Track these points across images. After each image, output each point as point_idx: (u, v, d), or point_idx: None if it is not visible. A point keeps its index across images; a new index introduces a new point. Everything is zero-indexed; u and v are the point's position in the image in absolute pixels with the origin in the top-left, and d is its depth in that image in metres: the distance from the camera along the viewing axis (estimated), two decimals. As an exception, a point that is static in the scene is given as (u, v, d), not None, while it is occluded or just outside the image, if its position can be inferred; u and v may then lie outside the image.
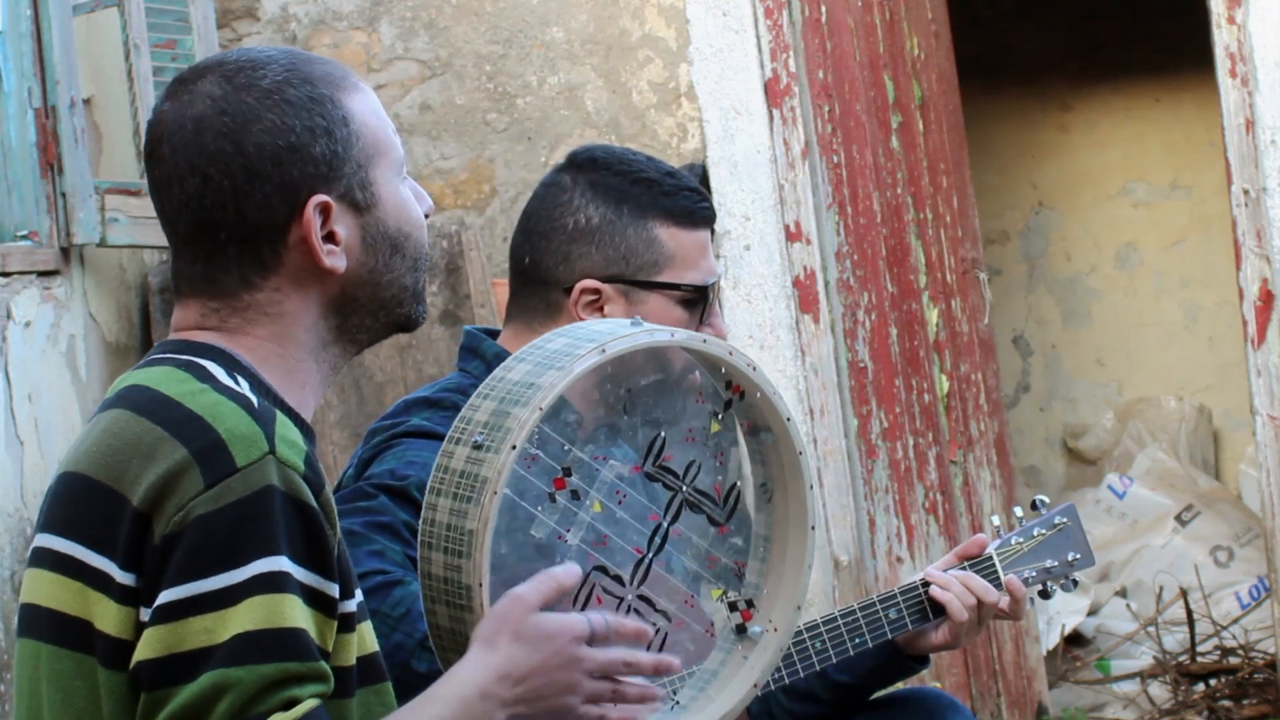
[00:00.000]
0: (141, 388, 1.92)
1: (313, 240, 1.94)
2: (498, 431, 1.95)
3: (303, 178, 1.93)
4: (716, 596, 2.16)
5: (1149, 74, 7.86)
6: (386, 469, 2.61)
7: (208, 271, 1.96)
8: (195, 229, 1.95)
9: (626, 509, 2.06)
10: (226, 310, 1.97)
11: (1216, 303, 7.68)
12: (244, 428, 1.83)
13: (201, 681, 1.77)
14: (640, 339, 2.02)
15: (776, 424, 2.13)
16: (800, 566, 2.15)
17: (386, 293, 2.01)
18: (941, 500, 5.14)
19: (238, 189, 1.92)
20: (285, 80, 1.95)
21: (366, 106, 2.00)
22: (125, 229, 4.68)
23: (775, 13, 4.94)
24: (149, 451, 1.84)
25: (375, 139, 1.99)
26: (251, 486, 1.81)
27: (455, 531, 1.95)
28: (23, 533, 4.24)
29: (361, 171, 1.97)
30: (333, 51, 5.32)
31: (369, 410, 4.95)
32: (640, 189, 2.73)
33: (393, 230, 2.00)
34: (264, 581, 1.79)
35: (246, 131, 1.92)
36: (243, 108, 1.93)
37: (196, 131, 1.93)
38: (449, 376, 2.79)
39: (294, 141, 1.93)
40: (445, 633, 1.99)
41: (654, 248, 2.72)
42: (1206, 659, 5.89)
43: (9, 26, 4.50)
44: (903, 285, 5.12)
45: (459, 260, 5.04)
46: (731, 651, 2.16)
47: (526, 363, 2.01)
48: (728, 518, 2.14)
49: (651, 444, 2.09)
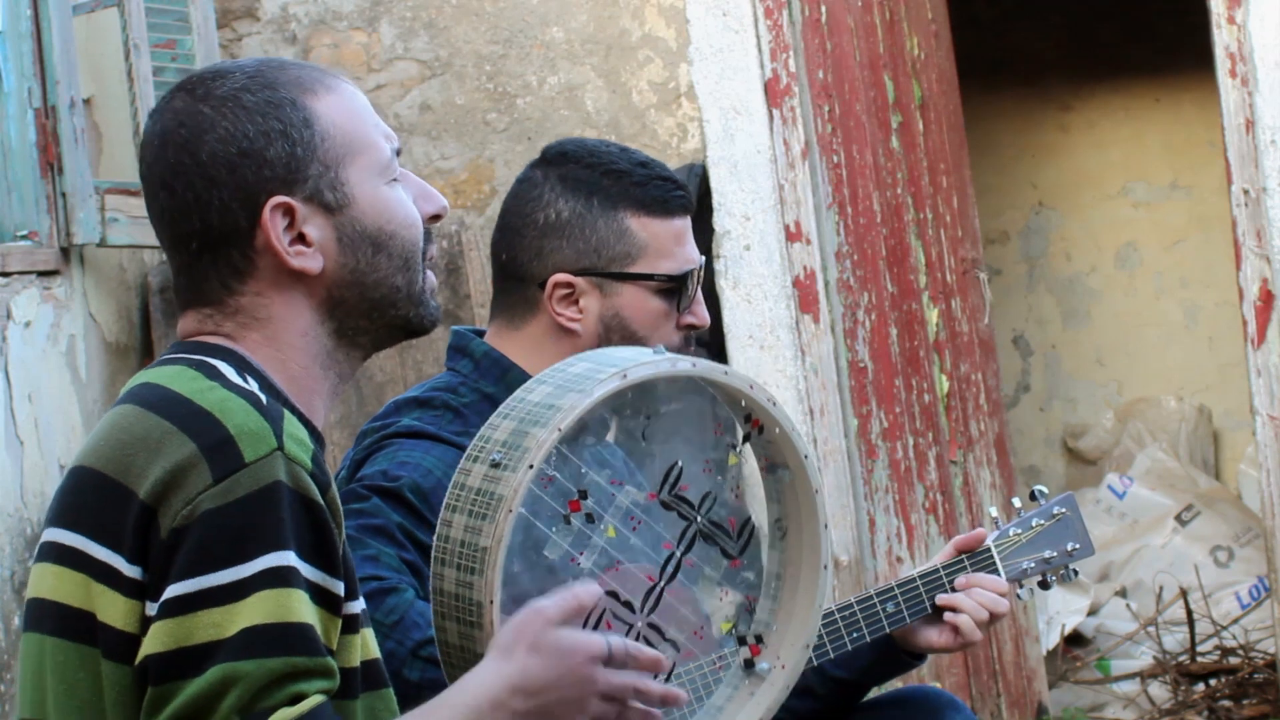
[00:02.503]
0: (152, 385, 1.93)
1: (273, 243, 1.95)
2: (516, 450, 1.95)
3: (259, 181, 1.95)
4: (726, 630, 2.16)
5: (1149, 74, 7.86)
6: (379, 470, 2.61)
7: (191, 282, 1.99)
8: (172, 241, 1.99)
9: (640, 536, 2.06)
10: (220, 316, 1.99)
11: (1216, 303, 7.68)
12: (253, 424, 1.84)
13: (209, 675, 1.77)
14: (662, 367, 2.02)
15: (794, 460, 2.12)
16: (811, 605, 2.15)
17: (375, 293, 2.01)
18: (941, 500, 5.14)
19: (199, 198, 1.95)
20: (244, 87, 1.97)
21: (340, 107, 2.00)
22: (125, 229, 4.68)
23: (775, 13, 4.94)
24: (156, 446, 1.84)
25: (347, 139, 1.99)
26: (260, 482, 1.81)
27: (469, 548, 1.95)
28: (23, 533, 4.24)
29: (330, 172, 1.97)
30: (333, 51, 5.32)
31: (369, 410, 4.95)
32: (610, 180, 2.73)
33: (372, 229, 1.99)
34: (271, 576, 1.80)
35: (201, 141, 1.95)
36: (198, 118, 1.96)
37: (161, 146, 1.97)
38: (438, 376, 2.80)
39: (247, 147, 1.94)
40: (454, 650, 1.99)
41: (626, 238, 2.72)
42: (1206, 659, 5.89)
43: (9, 26, 4.50)
44: (903, 285, 5.12)
45: (459, 260, 5.04)
46: (739, 687, 2.15)
47: (548, 384, 2.02)
48: (741, 551, 2.14)
49: (668, 473, 2.09)
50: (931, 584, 2.81)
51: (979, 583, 2.80)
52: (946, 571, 2.81)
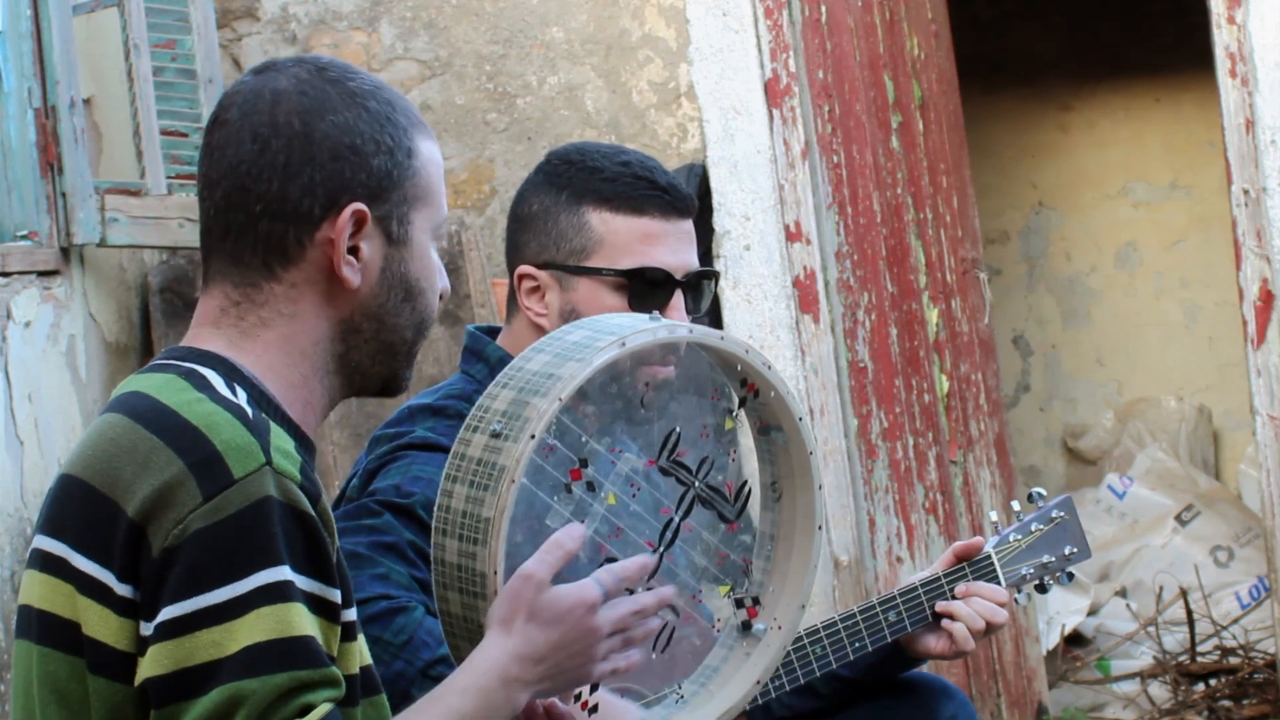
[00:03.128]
0: (140, 394, 1.92)
1: (338, 242, 1.95)
2: (516, 420, 1.96)
3: (353, 181, 1.95)
4: (724, 593, 2.17)
5: (1149, 74, 7.86)
6: (391, 484, 2.58)
7: (235, 249, 1.97)
8: (234, 196, 1.96)
9: (640, 502, 2.07)
10: (246, 304, 1.97)
11: (1216, 303, 7.68)
12: (240, 439, 1.83)
13: (214, 695, 1.77)
14: (660, 334, 2.03)
15: (789, 423, 2.13)
16: (806, 566, 2.16)
17: (388, 336, 2.01)
18: (941, 500, 5.14)
19: (289, 165, 1.94)
20: (371, 92, 1.99)
21: (433, 156, 2.03)
22: (125, 229, 4.68)
23: (775, 13, 4.94)
24: (144, 460, 1.84)
25: (429, 186, 2.01)
26: (249, 498, 1.81)
27: (471, 519, 1.95)
28: (23, 533, 4.24)
29: (405, 206, 1.99)
30: (333, 51, 5.32)
31: (369, 410, 4.95)
32: (582, 175, 2.71)
33: (412, 278, 2.01)
34: (268, 592, 1.80)
35: (319, 116, 1.95)
36: (323, 95, 1.96)
37: (273, 102, 1.96)
38: (452, 380, 2.77)
39: (358, 144, 1.96)
40: (457, 620, 1.99)
41: (583, 232, 2.69)
42: (1206, 659, 5.89)
43: (9, 26, 4.50)
44: (903, 285, 5.12)
45: (459, 260, 5.04)
46: (735, 648, 2.16)
47: (546, 353, 2.02)
48: (738, 515, 2.14)
49: (666, 439, 2.09)
50: (933, 593, 2.81)
51: (979, 592, 2.80)
52: (948, 580, 2.82)
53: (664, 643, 2.08)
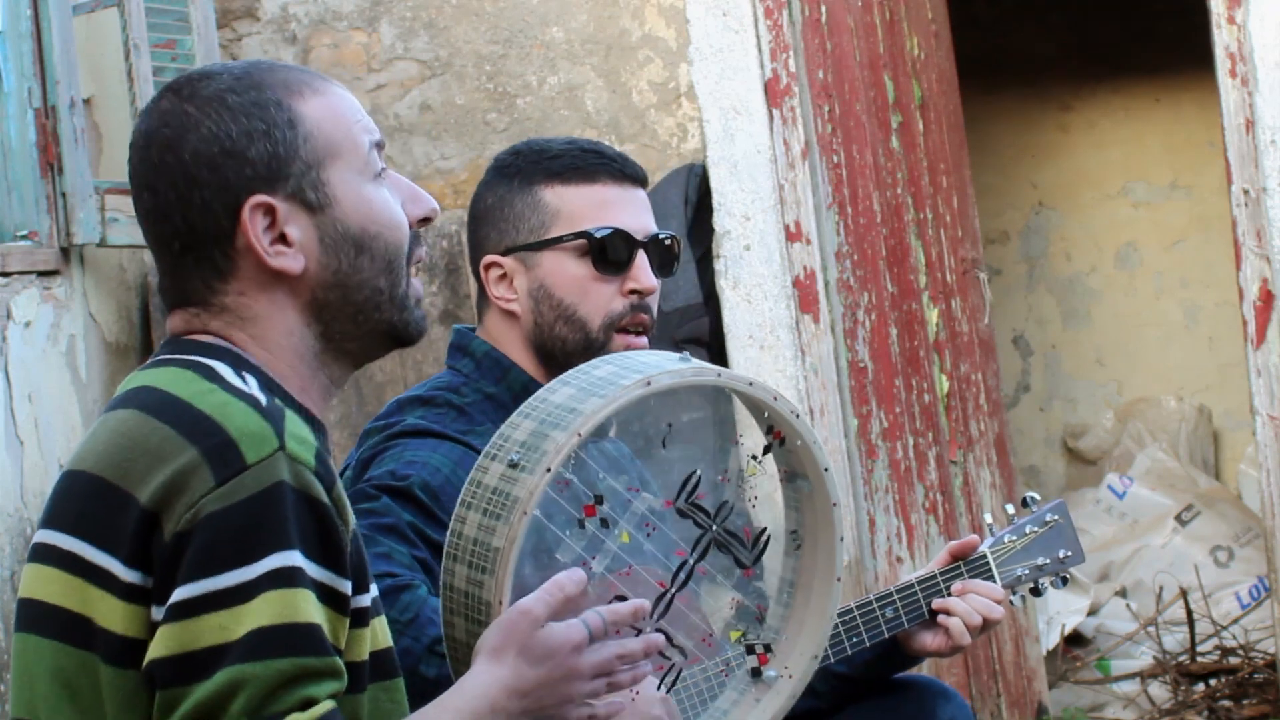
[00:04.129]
0: (150, 388, 1.92)
1: (253, 242, 1.95)
2: (534, 452, 1.95)
3: (240, 180, 1.95)
4: (735, 638, 2.17)
5: (1149, 74, 7.86)
6: (386, 470, 2.61)
7: (176, 282, 1.99)
8: (157, 241, 1.99)
9: (654, 542, 2.07)
10: (206, 315, 1.98)
11: (1216, 303, 7.68)
12: (254, 425, 1.83)
13: (217, 679, 1.77)
14: (686, 376, 2.02)
15: (814, 473, 2.13)
16: (823, 616, 2.16)
17: (358, 295, 2.00)
18: (941, 500, 5.14)
19: (181, 197, 1.95)
20: (229, 88, 1.97)
21: (326, 109, 2.00)
22: (125, 229, 4.68)
23: (775, 13, 4.94)
24: (158, 451, 1.84)
25: (331, 140, 1.98)
26: (263, 483, 1.81)
27: (481, 547, 1.95)
28: (23, 533, 4.24)
29: (312, 172, 1.97)
30: (333, 51, 5.32)
31: (369, 410, 4.95)
32: (530, 158, 2.75)
33: (355, 230, 1.99)
34: (278, 577, 1.79)
35: (184, 140, 1.95)
36: (183, 118, 1.96)
37: (145, 147, 1.98)
38: (439, 375, 2.80)
39: (230, 146, 1.95)
40: (460, 646, 2.00)
41: (539, 210, 2.72)
42: (1206, 659, 5.89)
43: (9, 26, 4.50)
44: (903, 285, 5.12)
45: (459, 260, 5.04)
46: (745, 693, 2.16)
47: (571, 387, 2.02)
48: (754, 561, 2.14)
49: (686, 480, 2.09)
50: (930, 590, 2.82)
51: (975, 589, 2.82)
52: (944, 578, 2.83)
53: (669, 684, 2.08)
